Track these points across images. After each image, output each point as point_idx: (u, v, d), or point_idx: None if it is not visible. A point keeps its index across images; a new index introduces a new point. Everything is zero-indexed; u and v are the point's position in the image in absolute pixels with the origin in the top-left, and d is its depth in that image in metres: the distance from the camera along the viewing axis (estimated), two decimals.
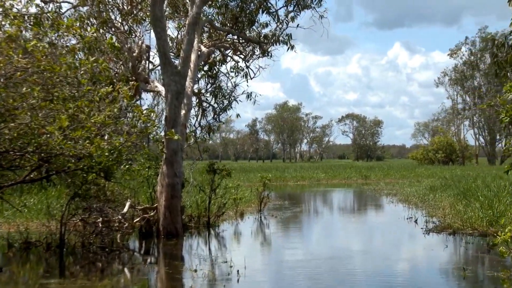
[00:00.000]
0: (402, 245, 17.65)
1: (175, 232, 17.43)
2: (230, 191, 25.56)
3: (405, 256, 15.48)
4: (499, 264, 12.79)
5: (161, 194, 17.49)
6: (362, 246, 17.27)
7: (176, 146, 17.32)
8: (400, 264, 14.25)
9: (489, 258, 13.80)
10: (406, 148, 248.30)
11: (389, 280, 12.14)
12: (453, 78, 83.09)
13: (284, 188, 44.92)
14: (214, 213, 20.69)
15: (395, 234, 19.54)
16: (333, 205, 31.50)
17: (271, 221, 22.47)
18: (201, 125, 23.05)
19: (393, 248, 16.94)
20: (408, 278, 12.52)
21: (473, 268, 12.69)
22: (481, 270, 12.79)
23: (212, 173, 20.33)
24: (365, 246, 17.27)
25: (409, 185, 39.37)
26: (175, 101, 17.22)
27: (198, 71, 21.28)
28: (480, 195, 22.99)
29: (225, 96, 22.79)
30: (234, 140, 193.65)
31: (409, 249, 16.65)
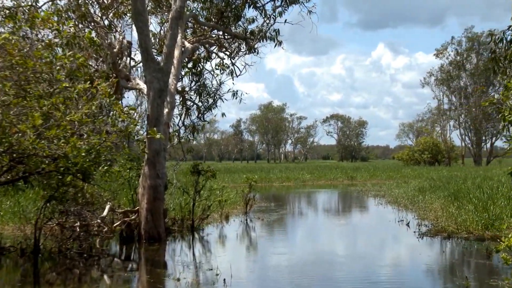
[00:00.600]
0: (396, 250, 16.85)
1: (157, 236, 16.62)
2: (215, 193, 24.77)
3: (400, 263, 14.67)
4: (502, 272, 12.10)
5: (142, 196, 16.67)
6: (354, 251, 16.49)
7: (159, 146, 16.52)
8: (395, 272, 13.46)
9: (490, 265, 13.10)
10: (390, 149, 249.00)
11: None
12: (439, 78, 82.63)
13: (269, 189, 44.17)
14: (199, 216, 19.88)
15: (387, 238, 18.87)
16: (321, 207, 30.70)
17: (257, 224, 21.71)
18: (185, 124, 22.13)
19: (387, 253, 16.18)
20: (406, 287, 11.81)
21: (475, 276, 11.95)
22: (484, 279, 12.05)
23: (197, 175, 19.52)
24: (357, 251, 16.49)
25: (397, 186, 38.75)
26: (158, 99, 16.42)
27: (182, 68, 20.43)
28: (472, 197, 22.36)
29: (210, 94, 21.86)
30: (218, 141, 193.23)
31: (404, 255, 15.84)
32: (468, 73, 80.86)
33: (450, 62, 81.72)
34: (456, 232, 17.14)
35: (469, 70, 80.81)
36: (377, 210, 26.60)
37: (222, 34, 21.35)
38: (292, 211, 28.01)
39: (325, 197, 37.85)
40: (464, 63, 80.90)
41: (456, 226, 17.57)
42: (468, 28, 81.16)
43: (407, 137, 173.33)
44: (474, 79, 79.65)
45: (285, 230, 21.39)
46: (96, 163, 12.85)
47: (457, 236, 16.76)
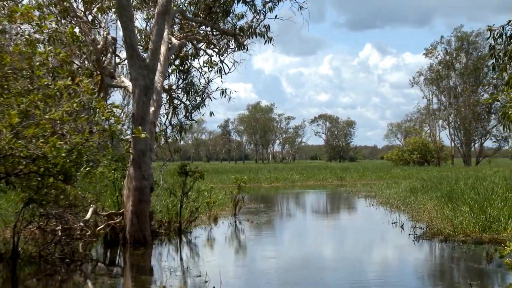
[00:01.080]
0: (391, 255, 16.11)
1: (143, 240, 15.97)
2: (203, 194, 24.14)
3: (397, 268, 13.99)
4: (506, 278, 11.53)
5: (128, 198, 16.01)
6: (348, 256, 15.80)
7: (145, 146, 15.87)
8: (393, 278, 12.78)
9: (492, 271, 12.53)
10: (378, 149, 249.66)
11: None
12: (428, 77, 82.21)
13: (258, 190, 43.58)
14: (186, 218, 19.22)
15: (381, 241, 18.25)
16: (311, 208, 30.04)
17: (246, 226, 21.09)
18: (172, 124, 21.43)
19: (382, 258, 15.43)
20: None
21: (478, 283, 11.32)
22: (487, 285, 11.49)
23: (184, 176, 18.86)
24: (351, 256, 15.75)
25: (387, 186, 38.21)
26: (143, 97, 15.76)
27: (169, 66, 19.77)
28: (466, 198, 21.85)
29: (197, 92, 21.15)
30: (206, 141, 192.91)
31: (400, 260, 15.10)
32: (457, 72, 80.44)
33: (439, 61, 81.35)
34: (452, 235, 16.53)
35: (459, 69, 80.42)
36: (369, 211, 26.01)
37: (210, 30, 20.64)
38: (282, 212, 27.39)
39: (315, 198, 37.28)
40: (453, 63, 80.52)
41: (453, 228, 16.98)
42: (457, 28, 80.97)
43: (395, 137, 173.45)
44: (464, 78, 79.22)
45: (275, 233, 20.77)
46: (78, 164, 12.20)
47: (454, 239, 16.12)
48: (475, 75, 78.41)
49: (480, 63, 78.57)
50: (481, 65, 78.58)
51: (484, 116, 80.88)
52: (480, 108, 79.83)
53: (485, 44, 79.15)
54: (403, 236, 17.64)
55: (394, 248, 16.93)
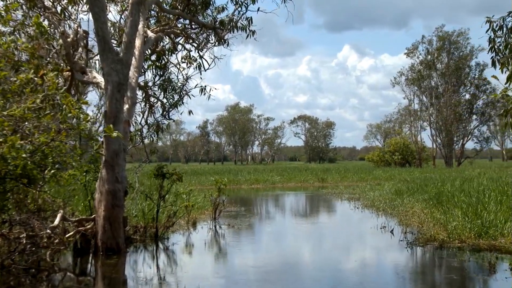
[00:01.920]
0: (385, 264, 14.71)
1: (116, 247, 14.81)
2: (181, 197, 23.03)
3: (394, 281, 12.91)
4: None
5: (100, 203, 14.84)
6: (338, 265, 14.59)
7: (118, 147, 14.72)
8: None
9: (497, 282, 11.50)
10: (357, 150, 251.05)
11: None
12: (409, 78, 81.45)
13: (238, 192, 42.48)
14: (163, 223, 18.07)
15: (372, 249, 17.01)
16: (294, 212, 28.79)
17: (226, 231, 19.98)
18: (148, 123, 20.16)
19: (376, 268, 14.12)
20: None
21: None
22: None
23: (161, 178, 17.71)
24: (341, 265, 14.55)
25: (371, 188, 37.35)
26: (117, 93, 14.61)
27: (145, 61, 18.60)
28: (457, 201, 20.98)
29: (175, 90, 19.91)
30: (185, 142, 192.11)
31: (396, 271, 13.50)
32: (439, 72, 79.84)
33: (420, 61, 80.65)
34: (447, 241, 15.53)
35: (440, 69, 79.80)
36: (355, 215, 24.94)
37: (189, 23, 19.43)
38: (264, 216, 26.22)
39: (297, 200, 36.15)
40: (435, 63, 79.89)
41: (447, 234, 15.99)
42: (439, 27, 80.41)
43: (374, 138, 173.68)
44: (445, 78, 78.62)
45: (256, 239, 19.60)
46: (43, 166, 11.07)
47: (449, 246, 15.09)
48: (457, 75, 77.83)
49: (462, 63, 78.10)
50: (463, 65, 78.15)
51: (466, 117, 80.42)
52: (461, 109, 79.41)
53: (466, 44, 79.00)
54: (394, 243, 16.63)
55: (387, 256, 15.63)
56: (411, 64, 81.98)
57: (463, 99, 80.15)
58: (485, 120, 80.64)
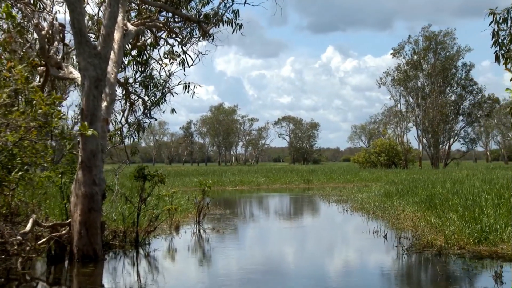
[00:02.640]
0: (382, 273, 13.42)
1: (93, 254, 13.82)
2: (164, 200, 22.08)
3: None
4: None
5: (75, 206, 13.84)
6: (332, 274, 13.67)
7: (95, 147, 13.73)
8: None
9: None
10: (341, 151, 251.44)
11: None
12: (395, 78, 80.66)
13: (222, 193, 41.55)
14: (144, 228, 17.08)
15: (366, 255, 15.98)
16: (281, 215, 27.65)
17: (211, 236, 19.03)
18: (128, 122, 19.09)
19: (372, 276, 13.19)
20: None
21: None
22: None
23: (142, 180, 16.72)
24: (336, 274, 13.59)
25: (358, 190, 36.63)
26: (94, 90, 13.62)
27: (125, 56, 17.58)
28: (451, 204, 20.19)
29: (157, 87, 18.84)
30: (168, 143, 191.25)
31: (395, 280, 12.67)
32: (425, 73, 79.14)
33: (407, 61, 79.88)
34: (446, 247, 14.64)
35: (426, 70, 79.10)
36: (345, 218, 24.03)
37: (172, 16, 18.35)
38: (250, 219, 25.12)
39: (283, 203, 35.19)
40: (421, 63, 79.18)
41: (445, 239, 15.11)
42: (425, 27, 79.66)
43: (359, 139, 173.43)
44: (432, 79, 77.96)
45: (243, 244, 18.56)
46: (10, 167, 10.09)
47: (448, 252, 14.21)
48: (443, 75, 77.19)
49: (448, 64, 77.51)
50: (449, 65, 77.57)
51: (452, 118, 79.86)
52: (448, 110, 78.82)
53: (453, 44, 78.46)
54: (389, 249, 15.75)
55: (384, 263, 14.46)
56: (397, 65, 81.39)
57: (449, 100, 79.52)
58: (472, 121, 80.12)
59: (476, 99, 78.99)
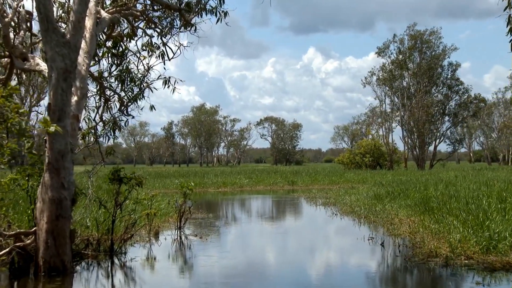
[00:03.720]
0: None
1: (61, 266, 12.34)
2: (143, 203, 20.60)
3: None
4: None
5: (41, 213, 12.36)
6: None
7: (64, 146, 12.25)
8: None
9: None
10: (322, 152, 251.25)
11: None
12: (380, 78, 79.39)
13: (205, 195, 40.07)
14: (120, 235, 15.60)
15: (365, 267, 14.17)
16: (267, 219, 25.81)
17: (193, 243, 17.60)
18: (103, 119, 17.52)
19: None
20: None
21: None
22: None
23: (117, 183, 15.25)
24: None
25: (346, 192, 35.30)
26: (63, 82, 12.16)
27: (99, 47, 16.11)
28: (450, 207, 18.94)
29: (135, 81, 17.30)
30: (149, 144, 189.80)
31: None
32: (410, 72, 77.90)
33: (392, 61, 78.65)
34: (451, 256, 13.30)
35: (412, 69, 77.87)
36: (335, 223, 22.56)
37: (150, 4, 16.83)
38: (234, 224, 23.47)
39: (268, 206, 33.63)
40: (406, 62, 77.93)
41: (450, 248, 13.77)
42: (410, 26, 78.37)
43: (342, 140, 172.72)
44: (417, 79, 76.74)
45: (228, 253, 16.88)
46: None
47: (455, 263, 12.85)
48: (429, 75, 75.97)
49: (434, 63, 76.36)
50: (435, 64, 76.42)
51: (438, 118, 78.74)
52: (434, 110, 77.73)
53: (439, 43, 77.47)
54: (389, 258, 14.43)
55: (387, 277, 12.99)
56: (382, 64, 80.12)
57: (435, 100, 78.40)
58: (458, 121, 79.05)
59: (462, 99, 77.98)
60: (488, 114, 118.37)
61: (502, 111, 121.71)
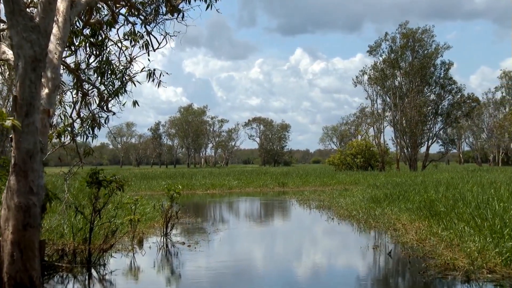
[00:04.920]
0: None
1: (28, 283, 10.70)
2: (126, 207, 19.11)
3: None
4: None
5: (6, 222, 10.73)
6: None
7: (33, 146, 10.63)
8: None
9: None
10: (310, 153, 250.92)
11: None
12: (372, 77, 77.73)
13: (193, 198, 38.52)
14: (99, 245, 14.00)
15: (377, 283, 12.52)
16: (259, 224, 24.34)
17: (181, 252, 16.06)
18: (81, 116, 15.81)
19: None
20: None
21: None
22: None
23: (96, 187, 13.66)
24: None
25: (339, 194, 33.85)
26: (31, 72, 10.54)
27: (76, 35, 14.48)
28: (459, 212, 17.51)
29: (116, 74, 15.57)
30: (136, 145, 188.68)
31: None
32: (402, 71, 76.35)
33: (384, 59, 77.07)
34: (471, 269, 11.81)
35: (404, 68, 76.32)
36: (333, 229, 20.86)
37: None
38: (225, 230, 21.34)
39: (260, 209, 31.81)
40: (398, 61, 76.39)
41: (470, 259, 12.28)
42: (402, 24, 76.72)
43: (330, 141, 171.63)
44: (409, 78, 75.19)
45: (219, 263, 15.14)
46: None
47: (478, 278, 11.31)
48: (421, 74, 74.44)
49: (427, 62, 74.85)
50: (427, 63, 74.92)
51: (431, 118, 77.27)
52: (426, 109, 76.30)
53: (431, 42, 76.18)
54: (401, 271, 12.98)
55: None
56: (373, 63, 78.51)
57: (428, 99, 76.93)
58: (451, 121, 77.59)
59: (455, 99, 76.59)
60: (478, 115, 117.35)
61: (491, 111, 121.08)
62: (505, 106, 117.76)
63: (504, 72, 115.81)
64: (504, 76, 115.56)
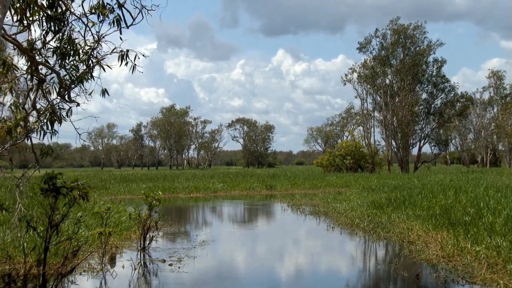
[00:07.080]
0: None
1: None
2: (98, 216, 16.39)
3: None
4: None
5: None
6: None
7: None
8: None
9: None
10: (293, 155, 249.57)
11: None
12: (362, 75, 74.96)
13: (175, 202, 35.79)
14: (56, 268, 11.20)
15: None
16: (251, 234, 21.19)
17: (161, 273, 13.25)
18: (36, 107, 12.80)
19: None
20: None
21: None
22: None
23: (53, 195, 10.85)
24: None
25: (334, 198, 31.19)
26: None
27: (28, 6, 11.64)
28: (488, 223, 14.97)
29: (80, 56, 12.54)
30: (118, 146, 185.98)
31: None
32: (394, 69, 73.72)
33: (374, 57, 74.31)
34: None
35: (395, 66, 73.66)
36: (337, 240, 18.01)
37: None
38: (212, 242, 18.25)
39: (250, 216, 28.44)
40: (389, 58, 73.73)
41: (508, 276, 9.72)
42: (393, 20, 73.90)
43: (315, 142, 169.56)
44: (401, 76, 72.50)
45: (212, 285, 12.59)
46: None
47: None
48: (413, 72, 71.77)
49: (418, 59, 72.21)
50: (419, 61, 72.29)
51: (423, 117, 74.71)
52: (418, 109, 73.79)
53: (423, 39, 73.76)
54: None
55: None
56: (363, 60, 75.75)
57: (420, 98, 74.40)
58: (444, 121, 75.02)
59: (448, 98, 74.15)
60: (466, 115, 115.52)
61: (479, 111, 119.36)
62: (493, 106, 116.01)
63: (493, 71, 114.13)
64: (492, 75, 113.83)
